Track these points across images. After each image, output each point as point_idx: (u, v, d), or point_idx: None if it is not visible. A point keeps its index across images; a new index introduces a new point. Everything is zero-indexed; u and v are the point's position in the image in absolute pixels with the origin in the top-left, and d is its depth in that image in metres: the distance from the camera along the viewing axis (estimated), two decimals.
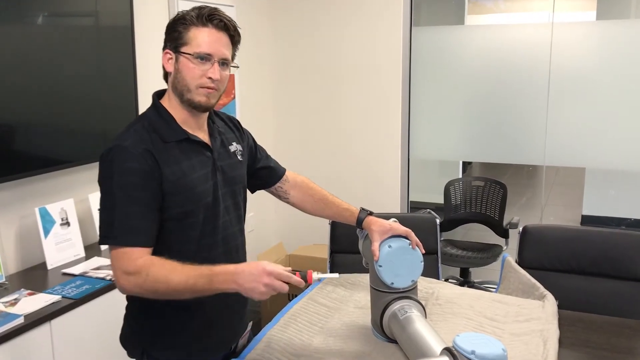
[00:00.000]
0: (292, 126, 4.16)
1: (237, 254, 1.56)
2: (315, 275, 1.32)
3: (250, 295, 1.28)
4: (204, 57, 1.38)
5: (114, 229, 1.33)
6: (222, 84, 1.43)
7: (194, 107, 1.43)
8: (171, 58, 1.42)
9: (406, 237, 1.62)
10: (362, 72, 3.88)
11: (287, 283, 1.29)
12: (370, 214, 1.68)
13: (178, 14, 1.43)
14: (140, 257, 1.31)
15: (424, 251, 1.62)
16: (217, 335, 1.55)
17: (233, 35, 1.44)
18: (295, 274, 1.30)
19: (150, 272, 1.29)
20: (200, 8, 1.41)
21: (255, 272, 1.26)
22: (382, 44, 3.79)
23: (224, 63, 1.42)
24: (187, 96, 1.41)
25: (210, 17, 1.39)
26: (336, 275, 1.41)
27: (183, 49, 1.39)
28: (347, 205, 1.73)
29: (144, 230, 1.34)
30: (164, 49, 1.44)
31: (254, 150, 1.69)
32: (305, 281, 1.31)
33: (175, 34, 1.41)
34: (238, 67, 1.52)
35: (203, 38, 1.38)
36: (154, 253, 1.38)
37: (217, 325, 1.53)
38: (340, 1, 3.86)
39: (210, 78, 1.39)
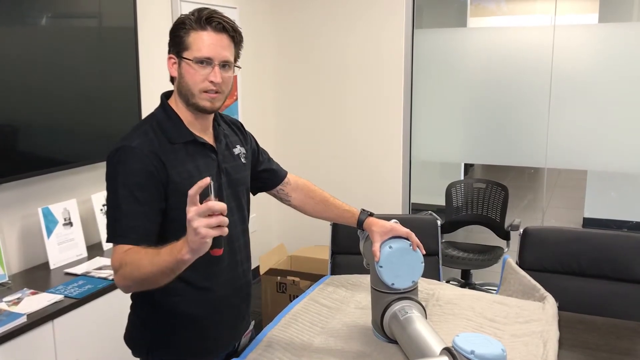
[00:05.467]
0: (294, 128, 4.17)
1: (240, 254, 1.57)
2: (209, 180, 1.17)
3: (201, 246, 1.16)
4: (204, 61, 1.39)
5: (117, 228, 1.34)
6: (225, 87, 1.44)
7: (200, 111, 1.44)
8: (175, 63, 1.43)
9: (407, 238, 1.62)
10: (364, 74, 3.89)
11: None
12: (371, 215, 1.69)
13: (179, 18, 1.43)
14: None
15: (424, 252, 1.62)
16: (221, 333, 1.56)
17: (233, 35, 1.43)
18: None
19: (128, 260, 1.27)
20: (199, 11, 1.40)
21: (190, 238, 1.14)
22: (384, 46, 3.80)
23: (226, 65, 1.42)
24: (192, 100, 1.42)
25: (208, 20, 1.39)
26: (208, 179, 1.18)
27: (184, 54, 1.40)
28: (348, 206, 1.74)
29: (145, 230, 1.35)
30: (168, 53, 1.45)
31: (256, 153, 1.70)
32: (213, 193, 1.17)
33: (177, 39, 1.41)
34: (240, 67, 1.53)
35: (202, 42, 1.38)
36: None
37: (220, 324, 1.54)
38: (342, 3, 3.87)
39: (211, 82, 1.39)
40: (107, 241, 1.36)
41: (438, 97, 3.95)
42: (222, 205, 1.14)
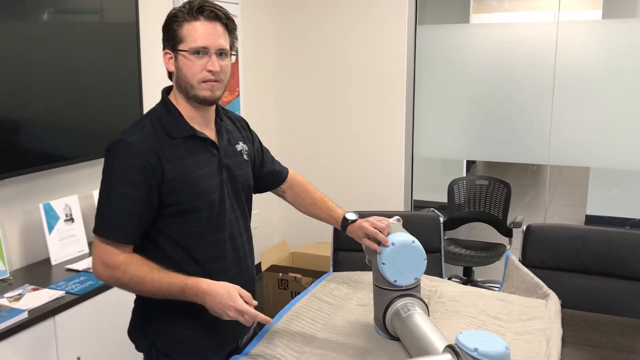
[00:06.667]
0: (297, 124, 4.16)
1: (244, 249, 1.57)
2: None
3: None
4: (201, 51, 1.38)
5: (104, 222, 1.36)
6: (223, 75, 1.43)
7: (201, 102, 1.43)
8: (171, 57, 1.43)
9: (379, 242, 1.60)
10: (367, 70, 3.88)
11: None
12: (353, 222, 1.68)
13: (170, 12, 1.43)
14: (121, 253, 1.36)
15: (388, 243, 1.58)
16: (224, 330, 1.55)
17: (227, 23, 1.43)
18: None
19: (128, 270, 1.34)
20: (190, 2, 1.40)
21: (224, 302, 1.31)
22: (387, 42, 3.79)
23: (222, 53, 1.41)
24: (192, 93, 1.41)
25: (200, 9, 1.39)
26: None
27: (180, 47, 1.39)
28: (334, 211, 1.73)
29: (131, 228, 1.36)
30: (163, 49, 1.44)
31: (261, 154, 1.70)
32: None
33: (171, 33, 1.41)
34: (236, 54, 1.51)
35: (197, 32, 1.38)
36: (160, 248, 1.41)
37: (223, 321, 1.54)
38: None
39: (210, 71, 1.39)
40: (93, 232, 1.38)
41: (440, 94, 3.94)
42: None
